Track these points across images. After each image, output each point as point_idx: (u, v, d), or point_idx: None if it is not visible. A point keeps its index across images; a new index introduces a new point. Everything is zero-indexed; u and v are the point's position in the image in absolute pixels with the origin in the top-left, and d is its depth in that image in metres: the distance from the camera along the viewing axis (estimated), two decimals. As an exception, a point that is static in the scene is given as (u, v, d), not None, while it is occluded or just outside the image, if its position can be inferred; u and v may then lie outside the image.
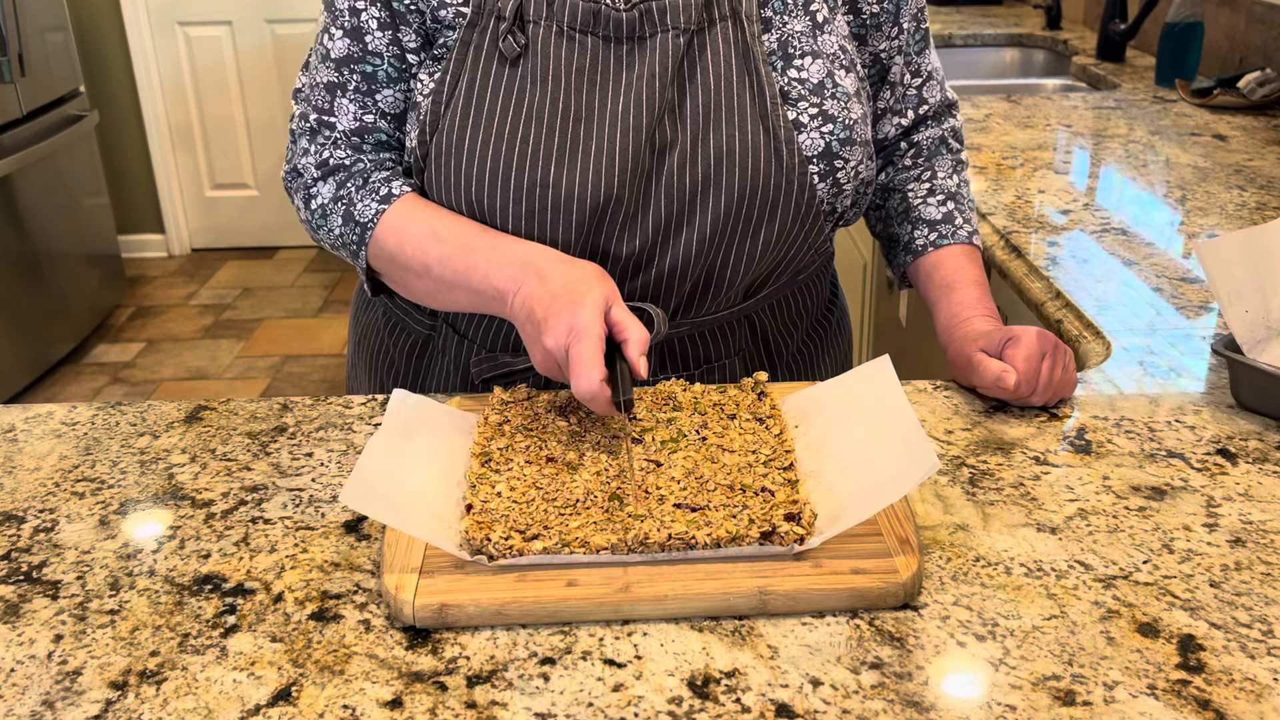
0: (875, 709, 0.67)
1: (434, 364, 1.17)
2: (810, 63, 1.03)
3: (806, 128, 1.02)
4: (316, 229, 1.08)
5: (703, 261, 1.04)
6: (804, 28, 1.04)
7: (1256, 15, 2.33)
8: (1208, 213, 1.58)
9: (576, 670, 0.71)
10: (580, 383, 0.86)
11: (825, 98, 1.03)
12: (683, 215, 1.02)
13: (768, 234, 1.04)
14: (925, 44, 1.16)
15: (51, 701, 0.69)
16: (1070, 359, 1.03)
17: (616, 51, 1.00)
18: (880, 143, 1.19)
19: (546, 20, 1.00)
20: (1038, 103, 2.26)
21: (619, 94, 1.00)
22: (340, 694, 0.69)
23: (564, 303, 0.90)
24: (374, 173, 1.05)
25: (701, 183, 1.01)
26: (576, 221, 1.00)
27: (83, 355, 3.75)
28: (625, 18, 1.00)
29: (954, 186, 1.18)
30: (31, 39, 3.43)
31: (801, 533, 0.78)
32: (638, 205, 1.01)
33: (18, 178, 3.36)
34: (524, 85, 1.01)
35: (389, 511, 0.77)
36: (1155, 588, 0.78)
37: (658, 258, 1.03)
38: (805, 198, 1.03)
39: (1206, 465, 0.94)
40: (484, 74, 1.01)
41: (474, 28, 1.01)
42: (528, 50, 1.00)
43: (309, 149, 1.07)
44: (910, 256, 1.17)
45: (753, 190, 1.01)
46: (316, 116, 1.06)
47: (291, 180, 1.10)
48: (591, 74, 1.00)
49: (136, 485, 0.93)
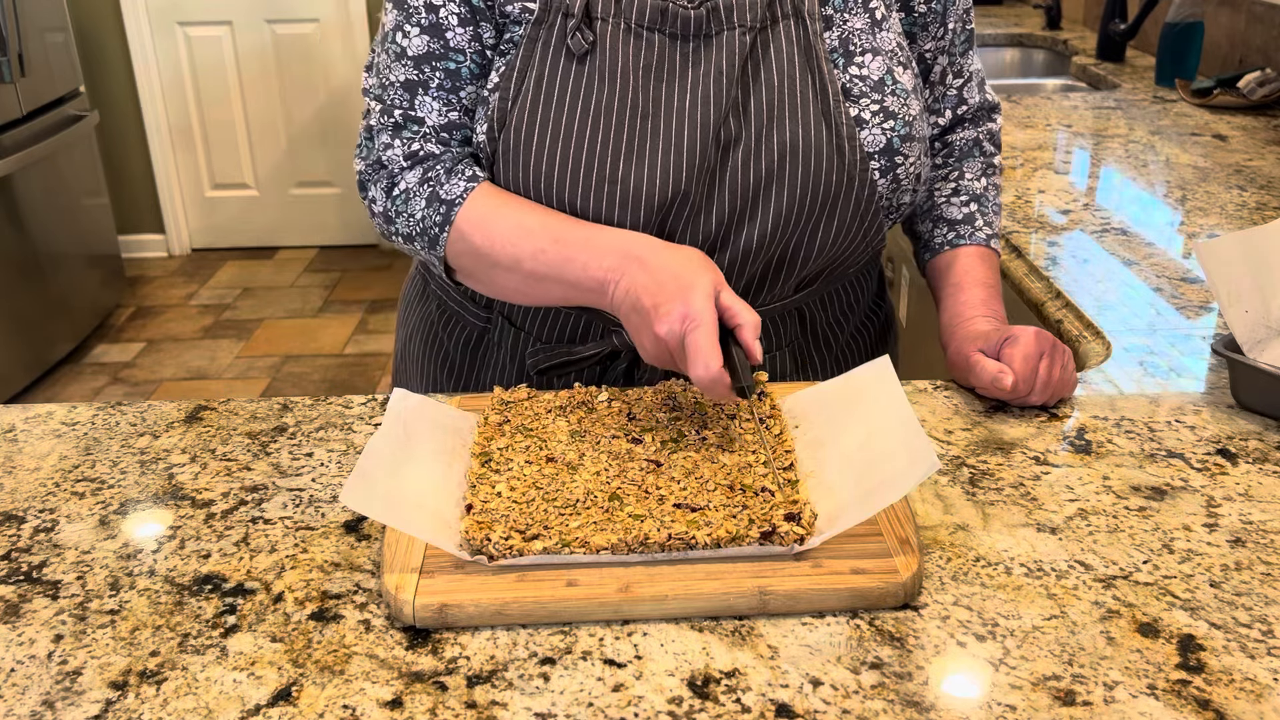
0: (875, 709, 0.67)
1: (489, 356, 1.17)
2: (870, 60, 1.04)
3: (868, 124, 1.03)
4: (394, 217, 1.05)
5: (764, 255, 1.05)
6: (863, 25, 1.04)
7: (1256, 15, 2.32)
8: (1208, 213, 1.58)
9: (576, 670, 0.71)
10: (699, 370, 0.86)
11: (886, 94, 1.04)
12: (746, 210, 1.02)
13: (828, 229, 1.05)
14: (969, 45, 1.17)
15: (51, 701, 0.69)
16: (1069, 359, 1.03)
17: (683, 49, 1.01)
18: None
19: (614, 17, 1.01)
20: (1038, 103, 2.26)
21: (685, 91, 1.01)
22: (340, 694, 0.69)
23: (673, 290, 0.90)
24: (460, 163, 1.04)
25: (765, 178, 1.02)
26: (644, 217, 1.01)
27: (83, 355, 3.75)
28: (692, 15, 1.00)
29: (980, 189, 1.18)
30: (31, 39, 3.43)
31: (801, 533, 0.78)
32: (702, 201, 1.02)
33: (18, 178, 3.36)
34: (591, 81, 1.01)
35: (389, 511, 0.77)
36: (1155, 588, 0.78)
37: (719, 252, 1.04)
38: (866, 194, 1.04)
39: (1206, 465, 0.94)
40: (551, 70, 1.01)
41: (541, 24, 1.01)
42: (595, 47, 1.01)
43: (392, 143, 1.05)
44: (928, 254, 1.18)
45: (815, 186, 1.02)
46: (401, 113, 1.05)
47: (374, 173, 1.07)
48: (659, 71, 1.01)
49: (136, 485, 0.93)
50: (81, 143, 3.78)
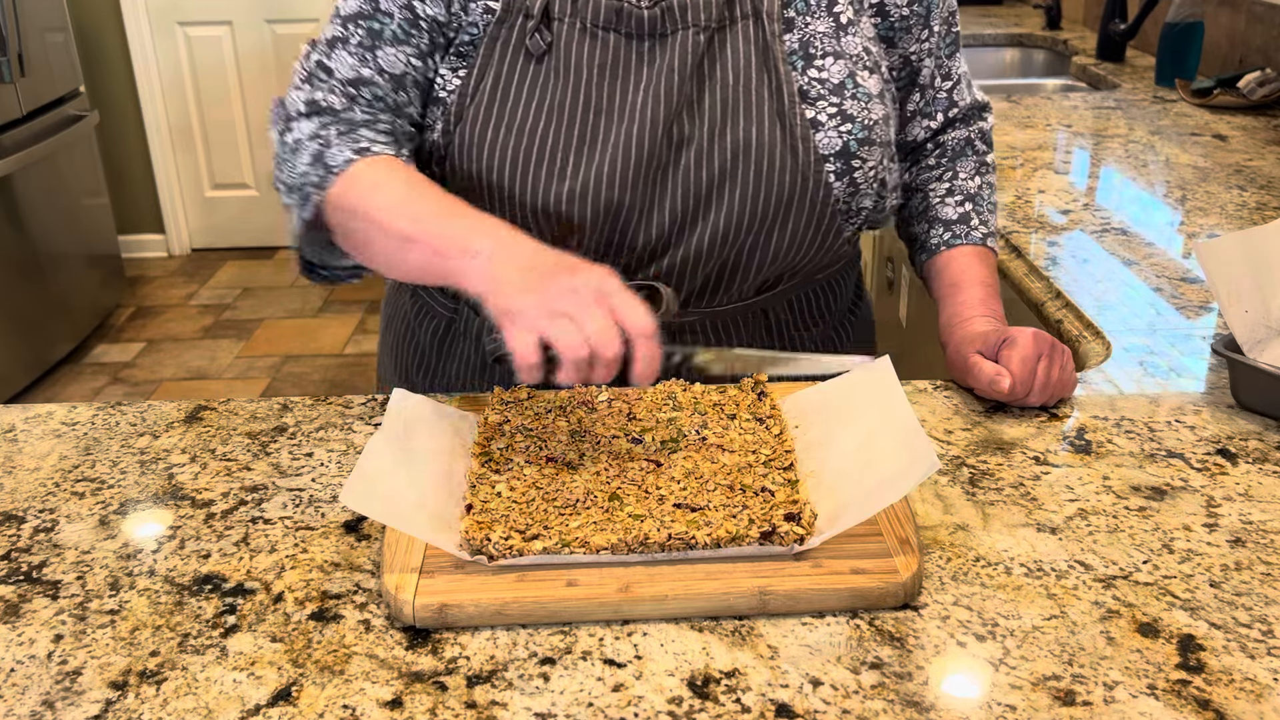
0: (875, 709, 0.67)
1: (456, 347, 1.18)
2: (832, 63, 1.05)
3: (824, 127, 1.03)
4: (281, 165, 1.04)
5: (718, 255, 1.05)
6: (827, 29, 1.05)
7: (1256, 15, 2.32)
8: (1208, 213, 1.58)
9: (576, 670, 0.71)
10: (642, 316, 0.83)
11: (845, 98, 1.04)
12: (699, 209, 1.03)
13: (783, 230, 1.05)
14: (956, 47, 1.17)
15: (51, 701, 0.69)
16: (1069, 359, 1.03)
17: (638, 48, 1.03)
18: (909, 144, 1.20)
19: (571, 17, 1.02)
20: (1038, 103, 2.26)
21: (639, 89, 1.02)
22: (340, 694, 0.69)
23: (569, 263, 0.87)
24: (362, 127, 1.02)
25: (718, 177, 1.02)
26: (593, 212, 1.02)
27: (83, 355, 3.75)
28: (647, 15, 1.02)
29: (974, 188, 1.18)
30: (31, 39, 3.43)
31: (801, 533, 0.78)
32: (654, 198, 1.03)
33: (18, 178, 3.36)
34: (547, 80, 1.03)
35: (389, 512, 0.77)
36: (1155, 588, 0.78)
37: (672, 249, 1.05)
38: (821, 196, 1.04)
39: (1206, 465, 0.94)
40: (510, 69, 1.03)
41: (502, 24, 1.03)
42: (552, 47, 1.02)
43: (301, 87, 1.05)
44: (925, 255, 1.18)
45: (768, 186, 1.03)
46: (316, 61, 1.04)
47: (276, 110, 1.06)
48: (613, 69, 1.02)
49: (136, 485, 0.93)
50: (81, 143, 3.77)
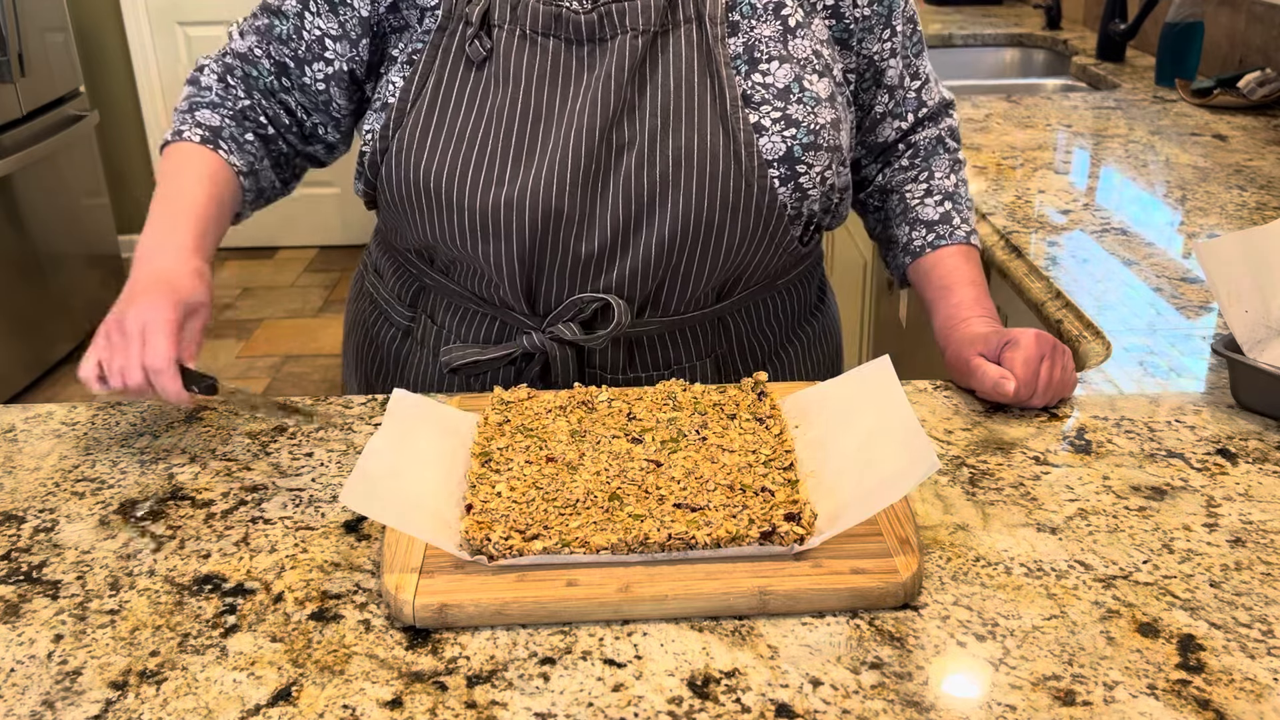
0: (875, 709, 0.67)
1: (413, 355, 1.18)
2: (777, 67, 1.04)
3: (768, 131, 1.03)
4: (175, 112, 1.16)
5: (666, 262, 1.04)
6: (773, 33, 1.04)
7: (1256, 15, 2.33)
8: (1208, 213, 1.58)
9: (576, 670, 0.71)
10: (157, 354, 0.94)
11: (790, 102, 1.03)
12: (642, 215, 1.02)
13: (730, 236, 1.04)
14: (921, 46, 1.17)
15: (51, 701, 0.69)
16: (1069, 359, 1.03)
17: (578, 53, 1.03)
18: (880, 145, 1.19)
19: (510, 24, 1.03)
20: (1038, 103, 2.26)
21: (578, 95, 1.02)
22: (340, 694, 0.69)
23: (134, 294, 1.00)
24: (203, 109, 1.11)
25: (660, 183, 1.02)
26: (530, 219, 1.01)
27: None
28: (585, 20, 1.01)
29: (951, 186, 1.18)
30: (31, 39, 3.43)
31: (801, 533, 0.78)
32: (594, 204, 1.02)
33: (18, 178, 3.36)
34: (487, 87, 1.03)
35: (389, 511, 0.77)
36: (1155, 588, 0.78)
37: (619, 257, 1.04)
38: (766, 200, 1.04)
39: (1206, 465, 0.94)
40: (450, 76, 1.04)
41: (444, 31, 1.04)
42: (492, 54, 1.03)
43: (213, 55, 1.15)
44: (909, 258, 1.17)
45: (712, 192, 1.02)
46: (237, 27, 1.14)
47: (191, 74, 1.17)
48: (553, 75, 1.02)
49: (136, 485, 0.93)
50: (81, 143, 3.77)
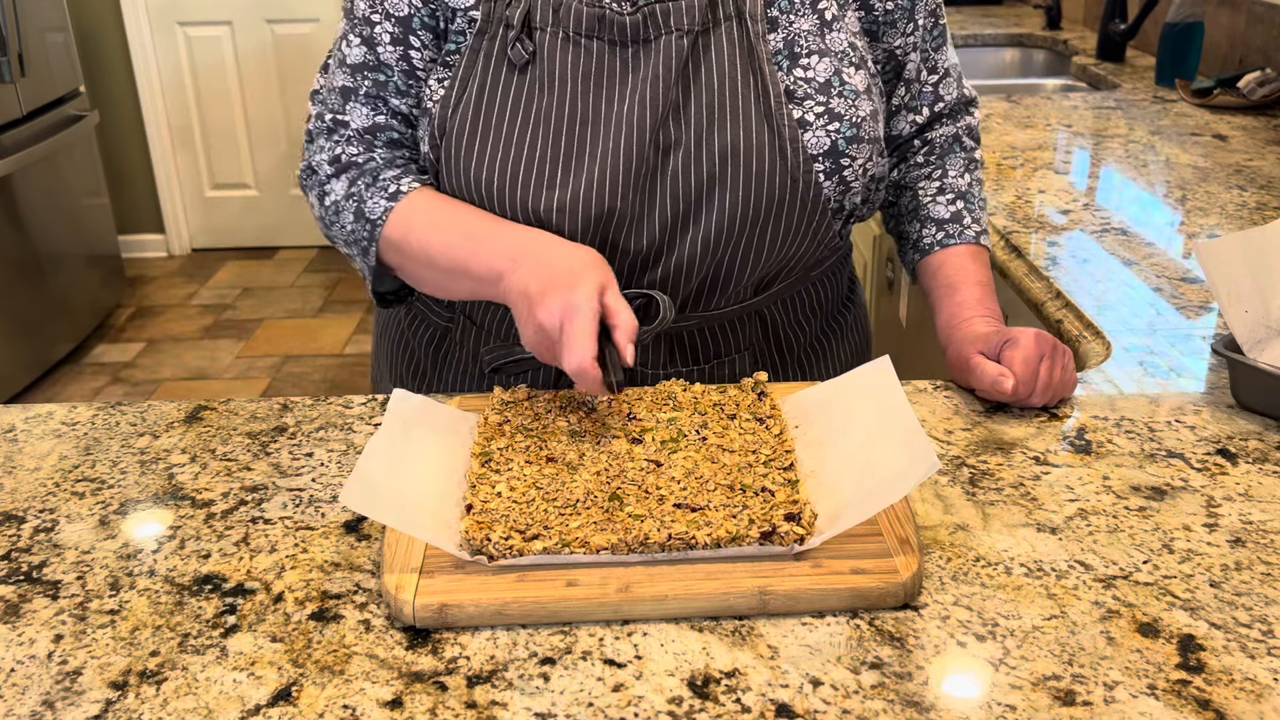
0: (875, 709, 0.67)
1: (452, 356, 1.18)
2: (817, 61, 1.04)
3: (812, 126, 1.03)
4: (330, 225, 1.10)
5: (711, 259, 1.05)
6: (811, 26, 1.04)
7: (1256, 15, 2.33)
8: (1208, 213, 1.58)
9: (576, 670, 0.71)
10: (573, 357, 0.88)
11: (832, 96, 1.03)
12: (689, 214, 1.03)
13: (775, 231, 1.05)
14: (943, 40, 1.16)
15: (51, 701, 0.69)
16: (1069, 359, 1.03)
17: (622, 55, 1.02)
18: (895, 139, 1.19)
19: (553, 27, 1.02)
20: (1038, 103, 2.26)
21: (624, 96, 1.01)
22: (340, 694, 0.69)
23: (559, 282, 0.91)
24: (384, 170, 1.07)
25: (707, 182, 1.02)
26: (583, 222, 1.01)
27: (83, 355, 3.75)
28: (629, 21, 1.01)
29: (964, 185, 1.18)
30: (31, 39, 3.43)
31: (801, 533, 0.78)
32: (644, 205, 1.02)
33: (18, 178, 3.36)
34: (531, 91, 1.02)
35: (389, 512, 0.77)
36: (1155, 588, 0.78)
37: (665, 255, 1.04)
38: (811, 195, 1.04)
39: (1206, 465, 0.94)
40: (493, 80, 1.03)
41: (484, 35, 1.03)
42: (535, 56, 1.02)
43: (324, 146, 1.09)
44: (918, 255, 1.17)
45: (758, 188, 1.02)
46: (332, 116, 1.09)
47: (307, 178, 1.12)
48: (597, 78, 1.02)
49: (136, 485, 0.93)
50: (81, 143, 3.77)
